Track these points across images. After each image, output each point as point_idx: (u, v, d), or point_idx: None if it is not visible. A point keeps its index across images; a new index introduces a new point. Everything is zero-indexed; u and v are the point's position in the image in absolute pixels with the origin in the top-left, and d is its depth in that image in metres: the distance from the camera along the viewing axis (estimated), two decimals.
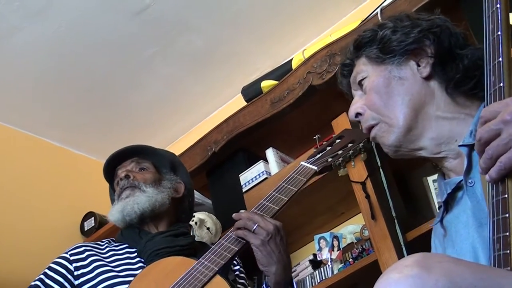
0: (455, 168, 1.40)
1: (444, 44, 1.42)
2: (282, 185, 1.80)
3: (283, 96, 2.66)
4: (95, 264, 1.92)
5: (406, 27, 1.45)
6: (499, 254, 0.96)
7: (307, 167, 1.84)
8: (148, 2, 2.93)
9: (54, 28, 2.94)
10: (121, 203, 2.05)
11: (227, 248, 1.70)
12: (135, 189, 2.06)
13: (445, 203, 1.41)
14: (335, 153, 1.86)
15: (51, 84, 3.22)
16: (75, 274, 1.92)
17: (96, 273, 1.89)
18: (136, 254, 1.98)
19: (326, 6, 3.16)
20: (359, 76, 1.50)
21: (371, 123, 1.45)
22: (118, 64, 3.22)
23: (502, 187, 1.01)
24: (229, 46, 3.29)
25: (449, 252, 1.36)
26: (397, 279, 0.86)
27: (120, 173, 2.13)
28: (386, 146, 1.45)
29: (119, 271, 1.90)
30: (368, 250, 2.36)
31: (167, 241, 1.95)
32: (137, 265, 1.93)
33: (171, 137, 3.76)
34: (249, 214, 1.73)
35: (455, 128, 1.38)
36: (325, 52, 2.57)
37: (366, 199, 2.24)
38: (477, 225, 1.26)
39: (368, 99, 1.46)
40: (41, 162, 3.46)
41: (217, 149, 2.85)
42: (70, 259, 1.96)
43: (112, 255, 1.98)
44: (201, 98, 3.55)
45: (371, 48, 1.48)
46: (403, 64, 1.44)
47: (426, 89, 1.41)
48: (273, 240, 1.69)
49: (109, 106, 3.46)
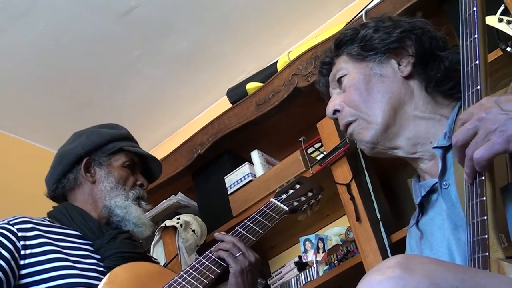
0: (430, 170, 1.41)
1: (425, 46, 1.44)
2: (256, 217, 1.87)
3: (268, 98, 2.66)
4: (46, 247, 1.74)
5: (388, 27, 1.47)
6: (478, 256, 0.97)
7: (278, 206, 1.94)
8: (133, 4, 2.92)
9: (38, 30, 2.93)
10: (142, 212, 1.98)
11: (209, 268, 1.71)
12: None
13: (420, 205, 1.42)
14: (298, 198, 2.00)
15: (35, 86, 3.21)
16: (22, 253, 1.70)
17: (48, 258, 1.71)
18: (88, 247, 1.83)
19: (312, 8, 3.17)
20: (338, 73, 1.50)
21: (349, 119, 1.46)
22: (102, 66, 3.21)
23: (480, 190, 1.01)
24: (215, 48, 3.29)
25: (426, 254, 1.36)
26: (380, 280, 0.86)
27: (142, 179, 2.07)
28: (363, 142, 1.46)
29: (74, 262, 1.74)
30: (353, 252, 2.36)
31: (130, 246, 1.88)
32: (89, 260, 1.79)
33: (156, 139, 3.74)
34: (235, 240, 1.76)
35: (430, 129, 1.40)
36: (310, 54, 2.57)
37: (351, 201, 2.25)
38: (453, 227, 1.27)
39: (347, 95, 1.47)
40: (25, 164, 3.43)
41: (203, 151, 2.85)
42: (18, 234, 1.73)
43: (63, 240, 1.80)
44: (187, 100, 3.54)
45: (352, 46, 1.49)
46: (384, 62, 1.45)
47: (406, 88, 1.43)
48: (251, 272, 1.73)
49: (94, 108, 3.44)
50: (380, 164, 2.37)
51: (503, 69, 2.07)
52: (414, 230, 1.45)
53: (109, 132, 2.12)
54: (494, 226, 0.99)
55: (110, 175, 2.00)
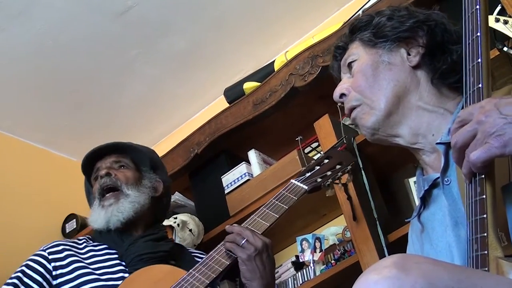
0: (432, 164, 1.42)
1: (437, 38, 1.44)
2: (273, 201, 1.83)
3: (265, 98, 2.66)
4: (74, 265, 1.90)
5: (402, 17, 1.47)
6: (476, 254, 0.97)
7: (297, 186, 1.87)
8: (131, 3, 2.92)
9: (36, 29, 2.92)
10: (104, 212, 2.03)
11: (218, 261, 1.72)
12: (119, 194, 2.06)
13: (423, 199, 1.42)
14: (323, 174, 1.90)
15: (32, 85, 3.20)
16: (53, 274, 1.88)
17: (75, 274, 1.87)
18: (116, 256, 1.96)
19: (309, 8, 3.17)
20: (349, 58, 1.51)
21: (353, 104, 1.47)
22: (100, 65, 3.21)
23: (480, 188, 1.01)
24: (212, 48, 3.29)
25: (426, 248, 1.37)
26: (376, 280, 0.86)
27: (100, 169, 2.13)
28: (364, 127, 1.46)
29: (100, 274, 1.88)
30: (350, 252, 2.36)
31: (149, 246, 1.96)
32: (117, 268, 1.92)
33: (154, 139, 3.74)
34: (241, 229, 1.76)
35: (433, 121, 1.40)
36: (307, 54, 2.57)
37: (348, 200, 2.24)
38: (453, 224, 1.28)
39: (354, 80, 1.47)
40: (23, 164, 3.43)
41: (200, 150, 2.85)
42: (49, 257, 1.92)
43: (92, 256, 1.96)
44: (184, 99, 3.54)
45: (365, 32, 1.50)
46: (394, 50, 1.45)
47: (413, 78, 1.43)
48: (260, 256, 1.72)
49: (91, 108, 3.44)
50: (377, 164, 2.37)
51: (500, 68, 2.07)
52: (415, 223, 1.46)
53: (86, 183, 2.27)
54: (493, 224, 0.99)
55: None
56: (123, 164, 2.16)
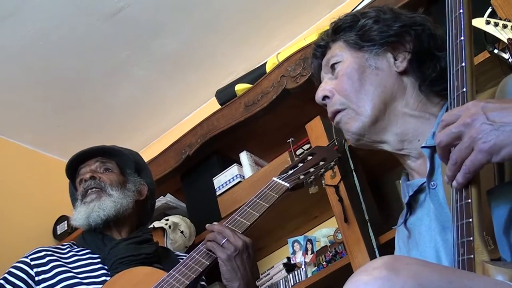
0: (418, 169, 1.40)
1: (424, 44, 1.41)
2: (254, 200, 1.82)
3: (257, 100, 2.66)
4: (57, 270, 1.91)
5: (388, 20, 1.44)
6: (463, 258, 0.97)
7: (279, 183, 1.85)
8: (122, 4, 2.91)
9: (26, 30, 2.91)
10: (85, 208, 2.04)
11: (198, 261, 1.71)
12: (101, 192, 2.07)
13: (408, 205, 1.41)
14: (307, 171, 1.88)
15: (23, 86, 3.19)
16: (36, 279, 1.90)
17: (58, 279, 1.88)
18: (99, 260, 1.97)
19: (301, 10, 3.18)
20: (332, 59, 1.47)
21: (337, 107, 1.44)
22: (91, 66, 3.20)
23: (466, 192, 1.01)
24: (204, 49, 3.28)
25: (413, 254, 1.36)
26: (366, 281, 0.86)
27: (84, 173, 2.13)
28: (349, 133, 1.43)
29: (82, 278, 1.89)
30: (342, 253, 2.37)
31: (131, 249, 1.96)
32: (100, 272, 1.92)
33: (145, 140, 3.74)
34: (221, 228, 1.75)
35: (419, 127, 1.39)
36: (299, 55, 2.58)
37: (339, 202, 2.25)
38: (440, 228, 1.27)
39: (340, 83, 1.44)
40: (13, 165, 3.42)
41: (191, 152, 2.84)
42: (31, 263, 1.94)
43: (75, 261, 1.97)
44: (175, 101, 3.54)
45: (350, 33, 1.46)
46: (381, 55, 1.42)
47: (399, 84, 1.41)
48: (240, 256, 1.71)
49: (82, 109, 3.43)
50: (369, 166, 2.37)
51: (490, 70, 2.08)
52: (402, 229, 1.45)
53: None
54: (479, 228, 0.99)
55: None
56: (108, 168, 2.17)
